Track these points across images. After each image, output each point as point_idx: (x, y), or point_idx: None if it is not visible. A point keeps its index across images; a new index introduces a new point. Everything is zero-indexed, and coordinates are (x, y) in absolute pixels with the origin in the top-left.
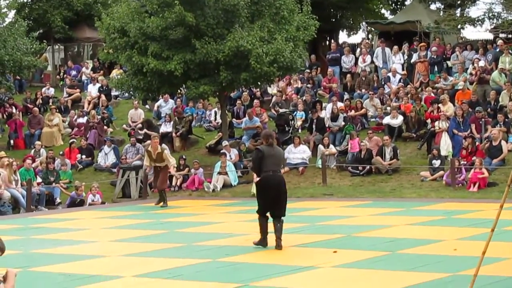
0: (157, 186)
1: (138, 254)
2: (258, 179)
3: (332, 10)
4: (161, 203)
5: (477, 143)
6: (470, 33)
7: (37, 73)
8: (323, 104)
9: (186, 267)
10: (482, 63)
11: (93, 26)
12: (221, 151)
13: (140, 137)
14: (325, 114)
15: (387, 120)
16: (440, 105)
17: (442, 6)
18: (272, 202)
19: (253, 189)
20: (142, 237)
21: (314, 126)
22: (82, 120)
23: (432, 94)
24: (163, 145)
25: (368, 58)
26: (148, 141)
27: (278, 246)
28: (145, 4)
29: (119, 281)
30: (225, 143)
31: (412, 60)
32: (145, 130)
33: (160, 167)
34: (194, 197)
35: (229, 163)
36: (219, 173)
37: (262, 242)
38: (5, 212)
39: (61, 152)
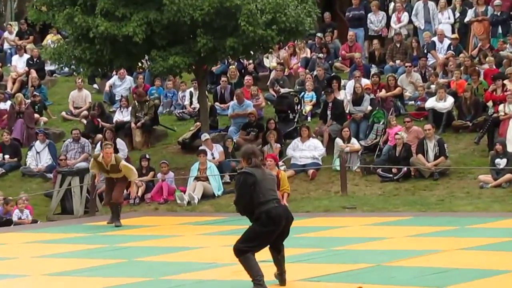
0: (110, 200)
1: None
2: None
3: None
4: (116, 222)
5: None
6: None
7: None
8: (342, 82)
9: None
10: None
11: None
12: (200, 148)
13: (90, 132)
14: (345, 95)
15: (431, 103)
16: (506, 81)
17: None
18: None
19: None
20: (89, 269)
21: (329, 113)
22: (4, 105)
23: (495, 67)
24: (119, 154)
25: (404, 17)
26: (99, 136)
27: (282, 282)
28: None
29: None
30: (205, 136)
31: (466, 19)
32: (93, 117)
33: (115, 178)
34: (161, 212)
35: (211, 165)
36: (197, 178)
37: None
38: None
39: None
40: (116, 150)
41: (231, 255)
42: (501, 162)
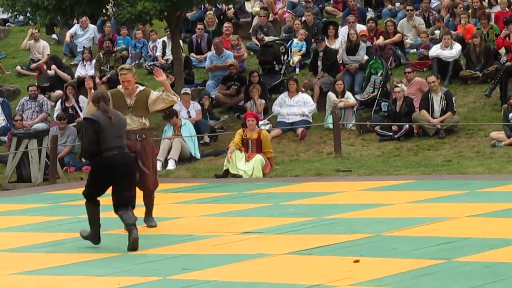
0: (147, 186)
1: (42, 270)
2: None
3: None
4: (149, 222)
5: None
6: None
7: None
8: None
9: None
10: None
11: None
12: (170, 110)
13: (45, 84)
14: (338, 43)
15: (435, 51)
16: None
17: None
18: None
19: (226, 165)
20: (49, 243)
21: (319, 63)
22: None
23: (507, 9)
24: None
25: None
26: (59, 92)
27: (133, 243)
28: None
29: None
30: (185, 90)
31: None
32: (52, 70)
33: (138, 134)
34: None
35: (186, 122)
36: (171, 138)
37: (92, 236)
38: None
39: None
40: (80, 109)
41: (210, 226)
42: None
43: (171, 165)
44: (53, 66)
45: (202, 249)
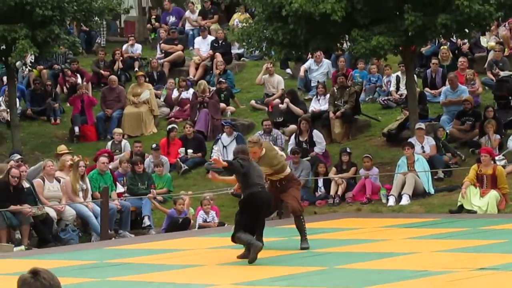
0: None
1: None
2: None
3: None
4: (303, 243)
5: None
6: None
7: (114, 22)
8: None
9: None
10: None
11: None
12: (408, 140)
13: (280, 118)
14: None
15: None
16: None
17: None
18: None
19: (460, 200)
20: (278, 278)
21: None
22: (186, 94)
23: None
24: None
25: None
26: (293, 127)
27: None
28: None
29: None
30: (419, 125)
31: None
32: (284, 103)
33: (277, 181)
34: (365, 213)
35: (419, 158)
36: (405, 174)
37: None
38: (68, 241)
39: (154, 145)
40: (312, 143)
41: (444, 262)
42: None
43: (405, 200)
44: (286, 99)
45: (437, 285)
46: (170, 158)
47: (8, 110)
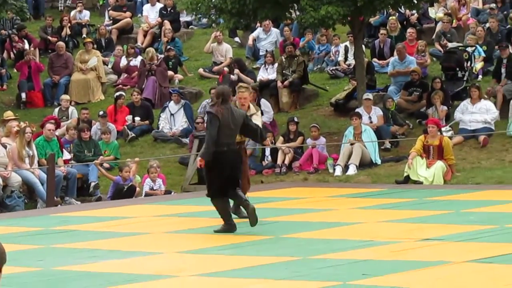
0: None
1: (221, 273)
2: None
3: None
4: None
5: None
6: None
7: None
8: None
9: None
10: None
11: None
12: (355, 111)
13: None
14: None
15: None
16: None
17: None
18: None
19: (407, 171)
20: (231, 246)
21: (503, 70)
22: (135, 61)
23: None
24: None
25: None
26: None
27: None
28: None
29: None
30: (367, 95)
31: None
32: (235, 74)
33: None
34: (311, 182)
35: (366, 128)
36: (352, 144)
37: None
38: (13, 207)
39: (101, 112)
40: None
41: (389, 232)
42: None
43: (351, 170)
44: (236, 70)
45: (382, 255)
46: (117, 125)
47: None
